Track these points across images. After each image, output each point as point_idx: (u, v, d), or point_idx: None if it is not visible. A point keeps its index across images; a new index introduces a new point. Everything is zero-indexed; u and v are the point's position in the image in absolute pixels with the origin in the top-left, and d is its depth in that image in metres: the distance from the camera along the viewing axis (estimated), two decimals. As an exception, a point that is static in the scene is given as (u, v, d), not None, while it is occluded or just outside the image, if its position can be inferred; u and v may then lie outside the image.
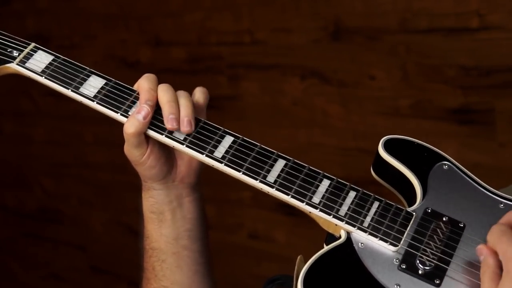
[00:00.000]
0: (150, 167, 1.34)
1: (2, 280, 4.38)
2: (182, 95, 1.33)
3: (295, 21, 2.84)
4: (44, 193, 4.02)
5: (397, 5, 2.57)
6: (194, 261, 1.43)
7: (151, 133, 1.30)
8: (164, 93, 1.31)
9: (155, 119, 1.30)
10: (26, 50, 1.38)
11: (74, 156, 3.73)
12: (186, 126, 1.29)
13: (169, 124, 1.28)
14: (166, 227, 1.40)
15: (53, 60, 1.37)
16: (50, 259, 4.15)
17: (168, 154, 1.36)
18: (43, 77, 1.35)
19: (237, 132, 1.29)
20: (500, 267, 1.03)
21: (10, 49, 1.38)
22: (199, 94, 1.38)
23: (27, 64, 1.36)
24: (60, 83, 1.34)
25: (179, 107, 1.30)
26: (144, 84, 1.32)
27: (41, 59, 1.37)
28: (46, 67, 1.36)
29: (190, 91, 3.46)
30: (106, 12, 3.41)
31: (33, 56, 1.37)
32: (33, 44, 1.39)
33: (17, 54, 1.37)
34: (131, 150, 1.32)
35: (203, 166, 1.36)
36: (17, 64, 1.36)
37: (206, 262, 1.46)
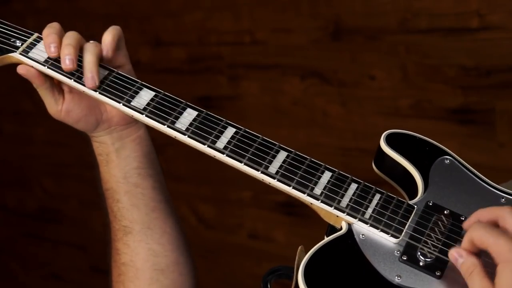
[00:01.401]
0: (75, 123, 1.39)
1: (2, 280, 4.37)
2: (88, 47, 1.35)
3: (295, 21, 2.84)
4: (44, 193, 4.02)
5: (397, 5, 2.57)
6: (149, 198, 1.45)
7: (154, 123, 1.30)
8: (66, 37, 1.34)
9: (155, 113, 1.31)
10: (30, 40, 1.38)
11: (75, 156, 3.73)
12: (89, 83, 1.31)
13: (63, 64, 1.32)
14: (114, 167, 1.43)
15: None
16: (50, 259, 4.15)
17: (90, 104, 1.39)
18: (46, 67, 1.35)
19: (237, 131, 1.29)
20: (485, 265, 1.03)
21: (14, 39, 1.38)
22: (107, 37, 1.38)
23: (30, 54, 1.36)
24: (63, 73, 1.35)
25: (83, 65, 1.33)
26: (45, 30, 1.36)
27: (44, 49, 1.36)
28: (49, 57, 1.35)
29: (190, 91, 3.47)
30: (106, 12, 3.41)
31: (36, 46, 1.37)
32: (36, 34, 1.39)
33: (20, 44, 1.38)
34: (49, 107, 1.38)
35: None
36: (20, 54, 1.37)
37: (163, 200, 1.47)
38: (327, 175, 1.22)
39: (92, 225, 3.84)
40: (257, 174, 1.23)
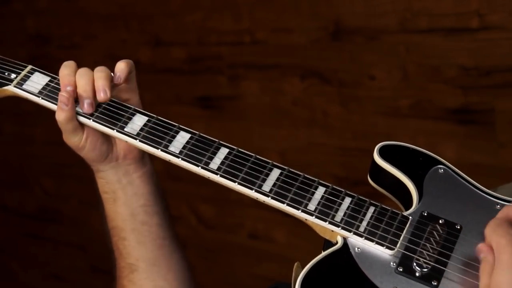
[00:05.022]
0: (90, 150, 1.38)
1: (2, 280, 4.38)
2: (99, 70, 1.36)
3: (295, 21, 2.84)
4: (44, 193, 4.02)
5: (397, 5, 2.57)
6: (155, 235, 1.45)
7: (147, 147, 1.32)
8: (80, 77, 1.35)
9: (148, 138, 1.33)
10: (23, 73, 1.40)
11: (75, 156, 3.71)
12: (101, 94, 1.33)
13: (84, 109, 1.33)
14: (120, 205, 1.42)
15: (49, 81, 1.39)
16: (50, 259, 4.15)
17: (104, 134, 1.39)
18: (40, 98, 1.37)
19: (237, 132, 1.30)
20: None
21: (8, 72, 1.40)
22: (120, 65, 1.39)
23: (24, 86, 1.38)
24: (57, 103, 1.35)
25: (95, 84, 1.34)
26: (62, 71, 1.36)
27: (38, 81, 1.39)
28: (43, 88, 1.38)
29: (190, 91, 3.46)
30: (106, 12, 3.41)
31: (30, 78, 1.39)
32: (30, 67, 1.41)
33: (14, 77, 1.39)
34: (69, 138, 1.36)
35: None
36: (15, 86, 1.38)
37: (170, 236, 1.47)
38: (321, 190, 1.22)
39: (92, 225, 3.84)
40: (251, 193, 1.25)
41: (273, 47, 2.94)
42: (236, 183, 1.26)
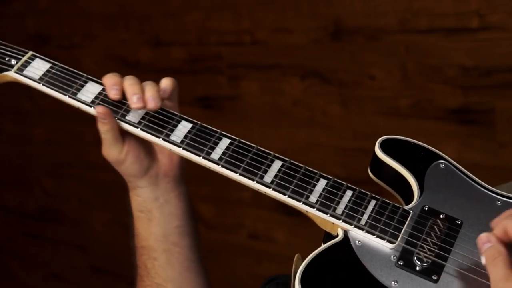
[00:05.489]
0: (130, 164, 1.37)
1: (2, 280, 4.38)
2: (148, 82, 1.36)
3: (295, 21, 2.84)
4: (44, 193, 4.02)
5: (397, 5, 2.57)
6: (185, 257, 1.44)
7: (149, 136, 1.32)
8: (128, 80, 1.34)
9: (149, 127, 1.32)
10: (24, 58, 1.40)
11: (75, 156, 3.73)
12: (150, 103, 1.31)
13: (133, 104, 1.31)
14: (155, 225, 1.42)
15: (50, 67, 1.39)
16: (50, 259, 4.15)
17: (147, 148, 1.39)
18: (41, 84, 1.38)
19: (237, 132, 1.30)
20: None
21: (8, 58, 1.41)
22: (165, 81, 1.39)
23: (24, 72, 1.39)
24: (58, 90, 1.37)
25: (144, 90, 1.33)
26: (106, 79, 1.36)
27: (39, 67, 1.39)
28: (44, 74, 1.38)
29: (190, 91, 3.46)
30: (106, 12, 3.41)
31: (31, 64, 1.39)
32: (30, 52, 1.41)
33: (15, 62, 1.40)
34: (109, 149, 1.36)
35: (185, 159, 1.36)
36: (15, 72, 1.39)
37: (197, 259, 1.47)
38: (322, 183, 1.22)
39: (92, 225, 3.84)
40: (252, 184, 1.24)
41: (273, 47, 2.94)
42: (238, 174, 1.25)
